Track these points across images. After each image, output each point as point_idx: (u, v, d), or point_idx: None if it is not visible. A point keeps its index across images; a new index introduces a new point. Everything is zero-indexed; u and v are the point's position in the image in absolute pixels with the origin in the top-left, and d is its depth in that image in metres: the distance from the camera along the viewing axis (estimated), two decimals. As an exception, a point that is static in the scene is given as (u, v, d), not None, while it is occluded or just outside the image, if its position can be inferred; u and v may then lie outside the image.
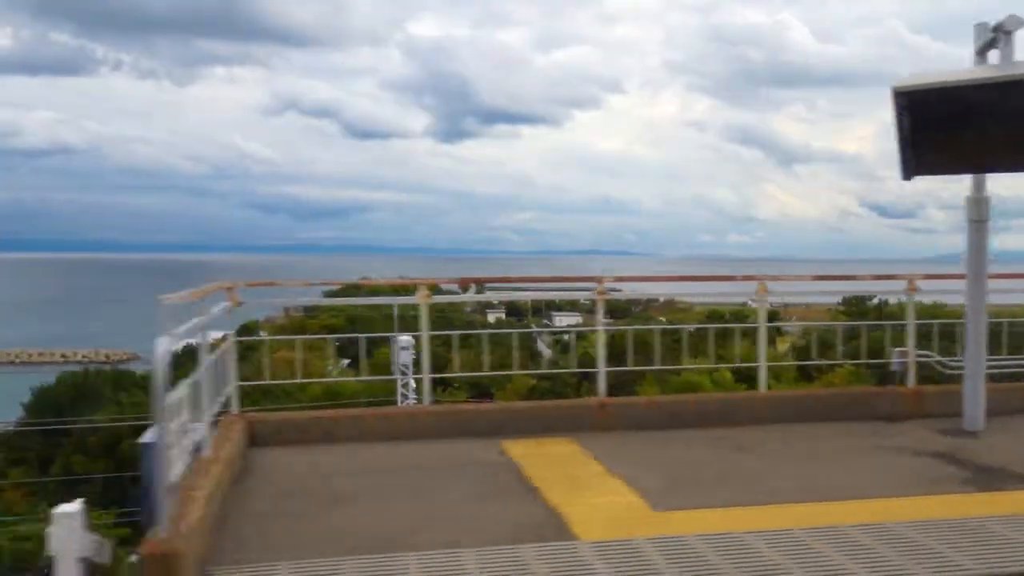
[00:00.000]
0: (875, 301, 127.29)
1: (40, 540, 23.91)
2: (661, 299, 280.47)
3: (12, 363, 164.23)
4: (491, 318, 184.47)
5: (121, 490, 53.45)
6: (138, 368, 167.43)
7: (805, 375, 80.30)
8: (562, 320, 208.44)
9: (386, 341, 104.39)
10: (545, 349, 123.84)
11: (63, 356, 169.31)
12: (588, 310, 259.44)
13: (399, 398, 25.32)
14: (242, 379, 9.39)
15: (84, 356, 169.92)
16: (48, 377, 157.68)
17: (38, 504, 53.59)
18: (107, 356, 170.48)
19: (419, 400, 28.53)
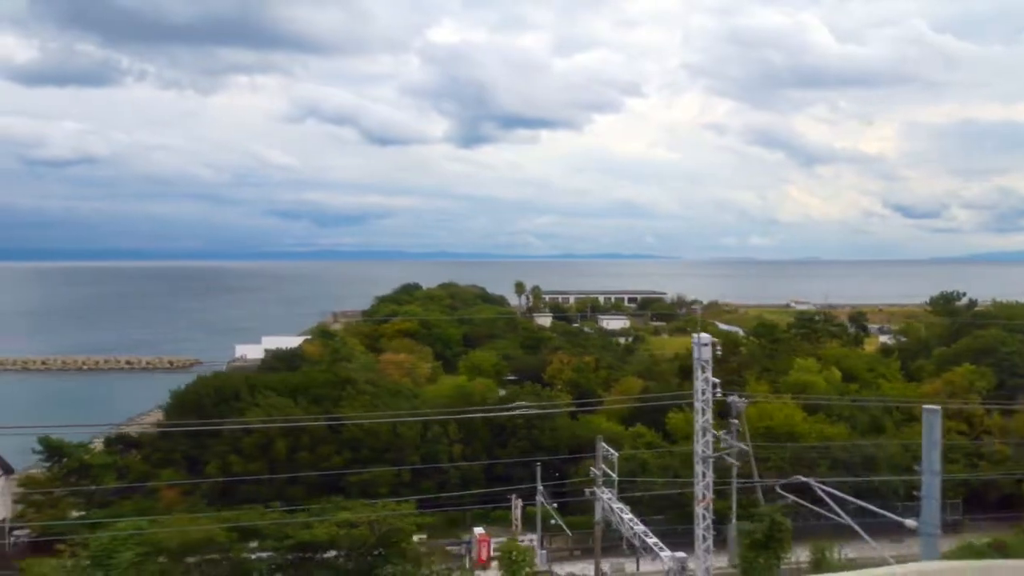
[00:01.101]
0: (964, 301, 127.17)
1: (368, 527, 25.84)
2: (705, 301, 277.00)
3: (80, 369, 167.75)
4: (545, 322, 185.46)
5: (278, 488, 55.56)
6: (199, 372, 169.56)
7: (909, 375, 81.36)
8: (609, 323, 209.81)
9: (477, 343, 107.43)
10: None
11: (128, 363, 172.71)
12: (632, 313, 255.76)
13: (699, 393, 26.77)
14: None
15: (148, 363, 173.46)
16: (120, 382, 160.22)
17: (195, 503, 55.78)
18: (171, 362, 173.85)
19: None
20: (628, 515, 34.86)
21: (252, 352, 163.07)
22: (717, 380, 27.42)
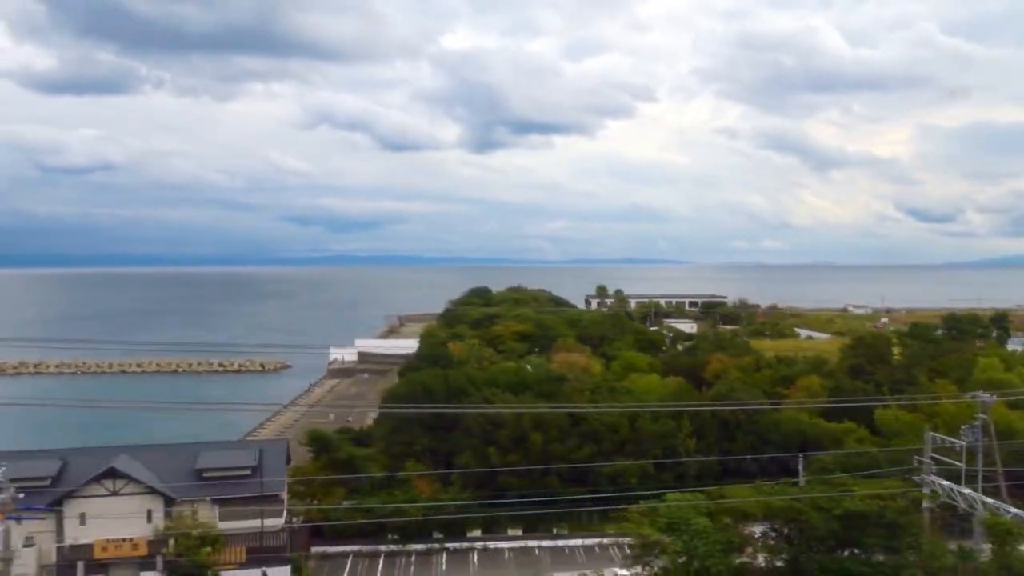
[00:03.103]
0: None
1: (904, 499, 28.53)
2: (762, 305, 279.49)
3: (175, 372, 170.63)
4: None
5: (532, 479, 58.03)
6: (289, 375, 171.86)
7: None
8: (678, 326, 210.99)
9: (590, 344, 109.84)
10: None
11: (220, 365, 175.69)
12: (695, 316, 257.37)
13: None
14: None
15: (241, 365, 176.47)
16: (216, 385, 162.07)
17: (445, 490, 58.25)
18: (262, 365, 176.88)
19: None
20: (991, 500, 37.07)
21: (348, 355, 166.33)
22: None
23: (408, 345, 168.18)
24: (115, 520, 46.47)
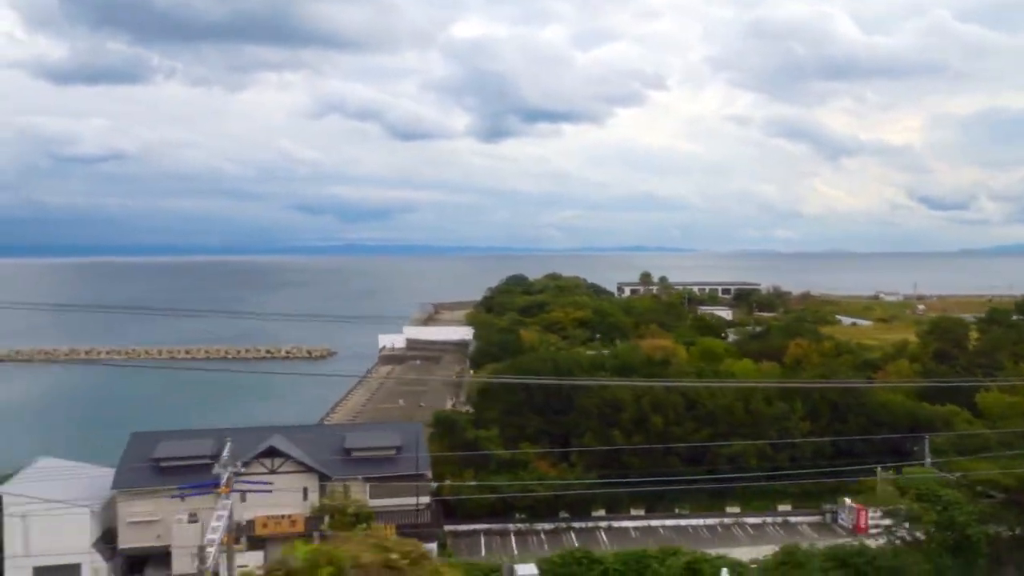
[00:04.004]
0: None
1: None
2: (795, 292, 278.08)
3: (224, 358, 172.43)
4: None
5: (653, 460, 59.04)
6: (337, 361, 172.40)
7: None
8: (718, 313, 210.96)
9: (648, 330, 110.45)
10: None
11: (268, 352, 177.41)
12: (730, 304, 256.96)
13: None
14: None
15: (287, 352, 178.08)
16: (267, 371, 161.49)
17: (570, 471, 59.39)
18: (308, 352, 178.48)
19: None
20: None
21: (397, 342, 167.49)
22: None
23: (456, 332, 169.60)
24: (273, 497, 47.69)
